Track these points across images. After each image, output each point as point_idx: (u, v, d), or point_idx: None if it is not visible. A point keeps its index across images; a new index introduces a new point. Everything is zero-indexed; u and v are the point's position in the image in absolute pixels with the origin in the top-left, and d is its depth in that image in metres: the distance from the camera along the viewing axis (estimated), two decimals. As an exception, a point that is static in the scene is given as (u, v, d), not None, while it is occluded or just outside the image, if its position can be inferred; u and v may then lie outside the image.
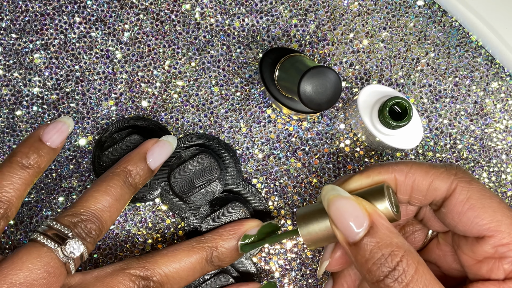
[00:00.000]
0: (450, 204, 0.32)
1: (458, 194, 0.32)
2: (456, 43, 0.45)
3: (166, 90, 0.45)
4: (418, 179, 0.33)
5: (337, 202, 0.31)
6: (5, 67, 0.45)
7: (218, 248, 0.39)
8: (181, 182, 0.42)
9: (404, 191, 0.33)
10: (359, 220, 0.30)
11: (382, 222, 0.30)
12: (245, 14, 0.45)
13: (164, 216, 0.44)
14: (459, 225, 0.32)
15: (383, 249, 0.29)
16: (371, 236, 0.29)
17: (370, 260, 0.29)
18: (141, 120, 0.44)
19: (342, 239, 0.31)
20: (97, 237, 0.35)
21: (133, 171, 0.38)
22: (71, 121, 0.39)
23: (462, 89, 0.45)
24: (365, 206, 0.31)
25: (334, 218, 0.31)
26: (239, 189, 0.44)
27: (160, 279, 0.37)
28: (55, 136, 0.37)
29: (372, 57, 0.45)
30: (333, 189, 0.32)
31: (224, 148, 0.44)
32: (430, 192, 0.32)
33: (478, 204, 0.31)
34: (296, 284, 0.44)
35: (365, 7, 0.45)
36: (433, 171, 0.33)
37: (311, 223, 0.33)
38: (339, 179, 0.35)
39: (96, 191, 0.36)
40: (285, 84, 0.39)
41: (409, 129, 0.41)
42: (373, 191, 0.32)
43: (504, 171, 0.44)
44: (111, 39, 0.45)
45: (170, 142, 0.40)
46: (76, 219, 0.34)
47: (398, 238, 0.30)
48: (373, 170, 0.34)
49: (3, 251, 0.43)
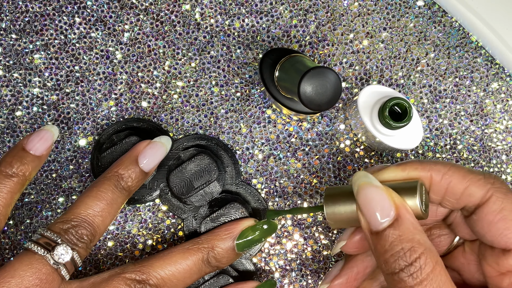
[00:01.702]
0: (482, 212, 0.32)
1: (492, 204, 0.31)
2: (456, 43, 0.45)
3: (166, 91, 0.45)
4: (454, 181, 0.32)
5: (367, 189, 0.31)
6: (5, 67, 0.45)
7: (214, 248, 0.39)
8: (179, 183, 0.42)
9: (438, 191, 0.33)
10: (385, 211, 0.30)
11: (407, 217, 0.30)
12: (245, 14, 0.45)
13: (164, 217, 0.44)
14: (487, 235, 0.32)
15: (403, 243, 0.29)
16: (394, 228, 0.30)
17: (389, 251, 0.29)
18: (139, 121, 0.44)
19: (366, 226, 0.31)
20: (90, 242, 0.35)
21: (125, 175, 0.38)
22: (56, 129, 0.39)
23: (462, 89, 0.45)
24: (394, 198, 0.31)
25: (361, 205, 0.31)
26: (238, 190, 0.44)
27: (156, 282, 0.37)
28: (38, 144, 0.38)
29: (372, 58, 0.45)
30: (365, 176, 0.32)
31: (223, 149, 0.44)
32: (464, 196, 0.32)
33: (511, 216, 0.31)
34: (296, 284, 0.44)
35: (365, 8, 0.45)
36: (470, 176, 0.32)
37: (338, 203, 0.33)
38: (374, 167, 0.35)
39: (86, 196, 0.37)
40: (285, 85, 0.39)
41: (409, 130, 0.41)
42: (406, 186, 0.32)
43: (504, 172, 0.44)
44: (111, 39, 0.45)
45: (163, 143, 0.40)
46: (67, 225, 0.35)
47: (420, 235, 0.30)
48: (411, 165, 0.33)
49: (3, 251, 0.43)
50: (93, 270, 0.44)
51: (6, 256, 0.43)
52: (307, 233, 0.44)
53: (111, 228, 0.44)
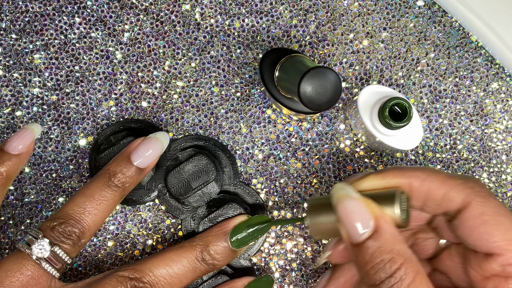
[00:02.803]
0: (463, 217, 0.31)
1: (473, 208, 0.31)
2: (456, 43, 0.45)
3: (166, 91, 0.45)
4: (433, 187, 0.32)
5: (345, 201, 0.31)
6: (5, 67, 0.45)
7: (208, 245, 0.39)
8: (177, 183, 0.41)
9: (418, 198, 0.33)
10: (364, 222, 0.30)
11: (387, 227, 0.30)
12: (245, 14, 0.45)
13: (164, 217, 0.44)
14: (469, 239, 0.31)
15: (383, 255, 0.29)
16: (374, 240, 0.29)
17: (370, 263, 0.29)
18: (137, 122, 0.44)
19: (346, 238, 0.31)
20: (79, 239, 0.36)
21: (117, 171, 0.38)
22: (37, 127, 0.39)
23: (462, 89, 0.45)
24: (373, 209, 0.30)
25: (340, 217, 0.31)
26: (236, 190, 0.44)
27: (150, 280, 0.37)
28: (15, 143, 0.38)
29: (372, 58, 0.45)
30: (343, 188, 0.32)
31: (221, 149, 0.44)
32: (444, 202, 0.32)
33: (491, 220, 0.31)
34: (296, 284, 0.44)
35: (365, 8, 0.45)
36: (450, 181, 0.32)
37: (320, 214, 0.33)
38: (354, 176, 0.35)
39: (77, 195, 0.37)
40: (285, 85, 0.39)
41: (409, 130, 0.41)
42: (385, 195, 0.32)
43: (504, 172, 0.44)
44: (111, 39, 0.45)
45: (158, 138, 0.39)
46: (54, 223, 0.36)
47: (400, 245, 0.30)
48: (389, 172, 0.33)
49: (3, 251, 0.43)
50: (93, 270, 0.44)
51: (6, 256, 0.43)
52: (307, 233, 0.44)
53: (111, 228, 0.44)
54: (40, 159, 0.44)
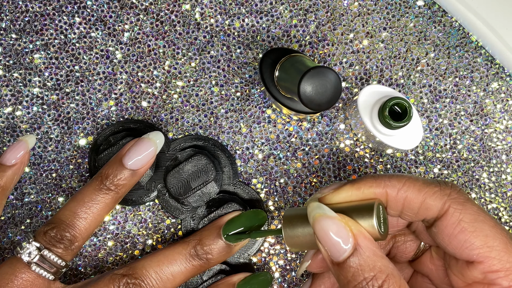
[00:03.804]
0: (442, 225, 0.31)
1: (450, 216, 0.31)
2: (456, 43, 0.45)
3: (166, 91, 0.45)
4: (410, 196, 0.32)
5: (322, 221, 0.30)
6: (5, 67, 0.45)
7: (201, 239, 0.39)
8: (177, 184, 0.41)
9: (395, 207, 0.32)
10: (344, 241, 0.29)
11: (367, 244, 0.30)
12: (245, 14, 0.45)
13: (164, 217, 0.44)
14: (449, 247, 0.31)
15: (365, 273, 0.29)
16: (354, 258, 0.29)
17: (352, 282, 0.29)
18: (136, 122, 0.44)
19: (327, 257, 0.30)
20: (71, 243, 0.37)
21: (108, 174, 0.38)
22: (32, 138, 0.41)
23: (462, 89, 0.45)
24: (351, 226, 0.30)
25: (319, 237, 0.30)
26: (235, 190, 0.44)
27: (141, 275, 0.37)
28: (9, 155, 0.40)
29: (372, 57, 0.45)
30: (319, 207, 0.31)
31: (220, 149, 0.44)
32: (421, 210, 0.32)
33: (470, 228, 0.30)
34: (296, 284, 0.44)
35: (365, 7, 0.45)
36: (426, 189, 0.32)
37: (296, 227, 0.32)
38: (329, 186, 0.34)
39: (70, 200, 0.38)
40: (285, 85, 0.39)
41: (409, 129, 0.41)
42: (363, 207, 0.31)
43: (504, 171, 0.44)
44: (111, 39, 0.45)
45: (151, 138, 0.39)
46: (46, 228, 0.37)
47: (382, 261, 0.29)
48: (365, 182, 0.33)
49: (3, 251, 0.43)
50: (93, 270, 0.44)
51: (6, 256, 0.43)
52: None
53: (111, 228, 0.44)
54: (40, 159, 0.44)
